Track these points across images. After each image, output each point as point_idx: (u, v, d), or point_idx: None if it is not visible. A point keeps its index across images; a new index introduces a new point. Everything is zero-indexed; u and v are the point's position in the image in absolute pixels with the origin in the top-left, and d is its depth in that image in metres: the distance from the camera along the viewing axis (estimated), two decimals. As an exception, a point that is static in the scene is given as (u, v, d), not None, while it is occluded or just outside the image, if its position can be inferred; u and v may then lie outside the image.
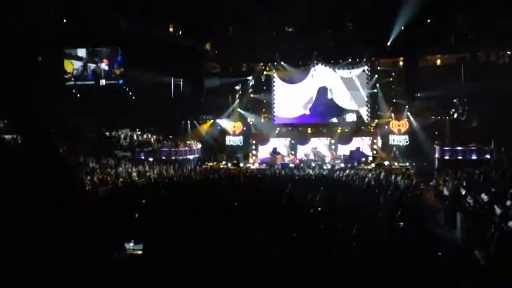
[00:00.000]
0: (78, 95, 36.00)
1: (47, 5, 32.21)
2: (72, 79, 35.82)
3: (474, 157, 27.88)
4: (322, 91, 35.33)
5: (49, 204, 1.41)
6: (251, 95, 36.80)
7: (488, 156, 26.55)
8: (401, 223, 12.66)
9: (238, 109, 36.55)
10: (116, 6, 32.36)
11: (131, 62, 34.17)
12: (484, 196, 17.40)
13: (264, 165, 33.50)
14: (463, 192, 18.97)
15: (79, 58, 35.83)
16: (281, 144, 35.71)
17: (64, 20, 34.69)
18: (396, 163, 31.74)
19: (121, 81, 35.55)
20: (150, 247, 1.56)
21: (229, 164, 33.38)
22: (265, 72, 36.78)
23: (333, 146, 34.66)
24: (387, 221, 13.68)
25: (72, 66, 35.70)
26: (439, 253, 9.89)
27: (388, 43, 33.08)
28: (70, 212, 1.40)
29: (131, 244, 10.64)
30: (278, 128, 36.36)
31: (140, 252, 9.09)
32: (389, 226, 12.44)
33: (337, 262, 7.82)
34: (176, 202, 1.56)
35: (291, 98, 36.09)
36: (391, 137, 33.45)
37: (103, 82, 35.68)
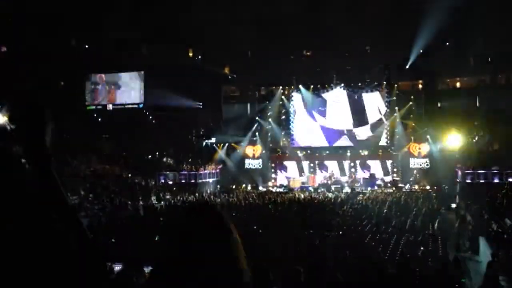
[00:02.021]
0: (99, 119, 36.54)
1: (69, 30, 33.00)
2: (94, 102, 36.49)
3: (496, 180, 27.37)
4: (341, 114, 35.31)
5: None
6: (270, 119, 36.85)
7: (510, 179, 26.11)
8: (422, 248, 12.48)
9: (257, 133, 36.60)
10: (136, 31, 32.97)
11: (151, 86, 34.65)
12: (508, 221, 17.09)
13: (283, 188, 33.44)
14: (486, 216, 18.65)
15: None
16: (300, 167, 35.61)
17: (86, 46, 35.47)
18: (416, 187, 31.37)
19: (141, 105, 36.04)
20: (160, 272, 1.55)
21: (249, 187, 33.39)
22: (282, 96, 36.89)
23: (352, 169, 34.42)
24: (407, 246, 13.49)
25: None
26: (463, 280, 9.70)
27: (407, 66, 32.97)
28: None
29: (150, 268, 10.65)
30: (297, 151, 36.32)
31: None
32: (409, 252, 12.25)
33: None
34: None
35: (309, 121, 36.11)
36: (411, 160, 33.05)
37: (110, 107, 36.29)
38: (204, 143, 36.63)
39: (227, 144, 36.55)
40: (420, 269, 9.60)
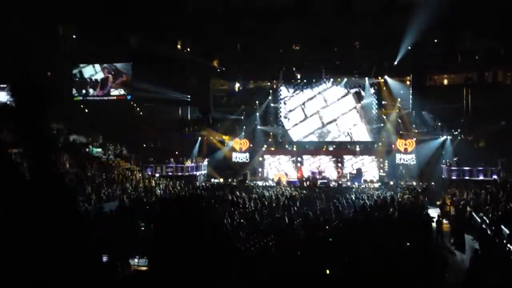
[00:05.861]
0: (86, 110, 36.17)
1: (57, 21, 32.62)
2: (82, 93, 36.11)
3: (481, 177, 27.63)
4: (328, 109, 35.41)
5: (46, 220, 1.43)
6: (257, 113, 36.78)
7: (495, 177, 26.37)
8: (408, 244, 12.52)
9: (244, 126, 36.56)
10: (125, 22, 32.68)
11: (139, 78, 34.36)
12: (492, 217, 17.25)
13: (270, 181, 33.47)
14: (471, 213, 18.83)
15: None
16: (288, 161, 35.66)
17: (74, 36, 35.07)
18: (402, 182, 31.52)
19: (129, 97, 35.73)
20: (155, 264, 1.55)
21: (235, 181, 33.35)
22: (270, 90, 36.88)
23: (339, 164, 34.53)
24: (392, 241, 13.53)
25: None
26: (446, 275, 9.76)
27: (395, 62, 33.07)
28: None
29: (136, 260, 10.58)
30: (285, 145, 36.40)
31: (144, 268, 9.06)
32: (395, 247, 12.29)
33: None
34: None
35: (297, 115, 36.18)
36: (397, 156, 33.17)
37: (97, 98, 35.97)
38: (191, 136, 36.49)
39: (214, 137, 36.50)
40: (405, 265, 9.65)
